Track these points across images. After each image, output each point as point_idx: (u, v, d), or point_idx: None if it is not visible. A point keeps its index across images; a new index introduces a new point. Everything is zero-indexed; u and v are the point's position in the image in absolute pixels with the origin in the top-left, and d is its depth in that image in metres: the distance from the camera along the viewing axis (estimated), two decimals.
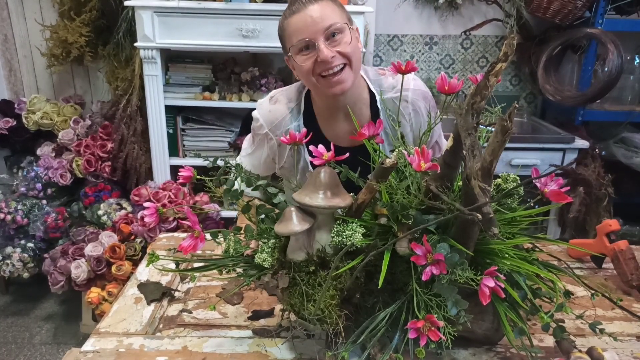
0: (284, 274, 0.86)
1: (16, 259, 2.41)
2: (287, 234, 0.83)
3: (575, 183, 2.32)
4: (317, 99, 1.27)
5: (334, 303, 0.83)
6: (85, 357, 0.93)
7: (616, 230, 1.24)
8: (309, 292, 0.84)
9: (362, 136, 0.94)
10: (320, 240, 0.85)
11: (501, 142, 0.69)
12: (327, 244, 0.85)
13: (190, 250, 0.84)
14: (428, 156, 0.80)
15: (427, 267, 0.75)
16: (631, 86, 2.64)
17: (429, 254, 0.75)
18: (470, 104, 0.73)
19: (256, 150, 1.35)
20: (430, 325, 0.75)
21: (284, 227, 0.82)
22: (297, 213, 0.83)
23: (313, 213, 0.84)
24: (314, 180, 0.83)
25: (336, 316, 0.83)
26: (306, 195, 0.82)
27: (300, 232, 0.81)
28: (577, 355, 0.85)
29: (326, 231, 0.85)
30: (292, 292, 0.87)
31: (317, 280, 0.84)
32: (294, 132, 0.97)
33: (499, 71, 0.72)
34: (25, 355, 2.30)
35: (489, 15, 2.72)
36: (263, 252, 0.87)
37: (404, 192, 0.87)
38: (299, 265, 0.86)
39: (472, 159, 0.72)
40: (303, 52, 1.14)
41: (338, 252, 0.82)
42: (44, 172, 2.54)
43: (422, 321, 0.75)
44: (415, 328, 0.76)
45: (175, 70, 2.43)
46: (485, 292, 0.74)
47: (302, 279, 0.85)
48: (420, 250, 0.76)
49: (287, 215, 0.83)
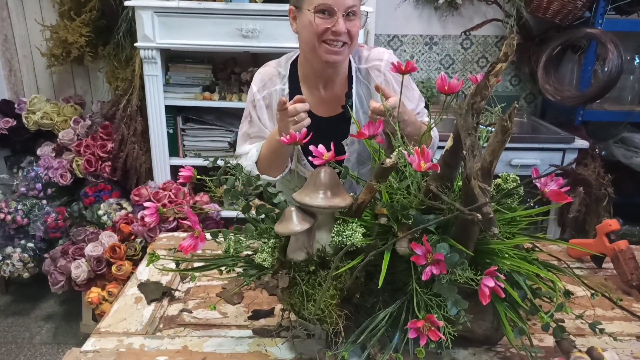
0: (284, 273, 0.86)
1: (16, 259, 2.42)
2: (287, 233, 0.83)
3: (575, 183, 2.32)
4: (305, 64, 1.37)
5: (334, 303, 0.83)
6: (86, 356, 0.93)
7: (616, 230, 1.24)
8: (309, 292, 0.84)
9: (362, 135, 0.94)
10: (320, 240, 0.85)
11: (501, 142, 0.70)
12: (327, 243, 0.85)
13: (191, 249, 0.84)
14: (428, 156, 0.80)
15: (427, 267, 0.75)
16: (631, 86, 2.64)
17: (428, 254, 0.75)
18: (470, 104, 0.73)
19: (251, 118, 1.42)
20: (430, 325, 0.75)
21: (284, 227, 0.82)
22: (297, 213, 0.83)
23: (313, 213, 0.84)
24: (314, 180, 0.83)
25: (336, 316, 0.83)
26: (306, 195, 0.82)
27: (300, 232, 0.81)
28: (577, 355, 0.85)
29: (326, 231, 0.85)
30: (292, 292, 0.87)
31: (317, 280, 0.84)
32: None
33: (499, 71, 0.72)
34: (25, 355, 2.30)
35: (489, 16, 2.72)
36: (263, 251, 0.87)
37: (404, 192, 0.87)
38: (299, 265, 0.86)
39: (472, 159, 0.72)
40: (320, 14, 1.23)
41: (338, 252, 0.83)
42: (44, 172, 2.54)
43: (422, 321, 0.75)
44: (415, 328, 0.76)
45: (176, 70, 2.43)
46: (485, 292, 0.74)
47: (302, 278, 0.85)
48: (420, 250, 0.76)
49: (287, 215, 0.83)
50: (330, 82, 1.35)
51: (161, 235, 1.45)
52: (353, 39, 1.26)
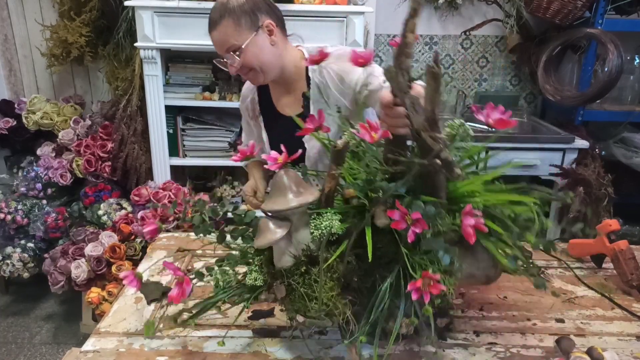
0: (278, 284, 0.86)
1: (16, 259, 2.42)
2: (267, 244, 0.83)
3: (575, 183, 2.32)
4: None
5: (334, 294, 0.84)
6: (86, 356, 0.93)
7: (616, 230, 1.24)
8: (307, 292, 0.84)
9: (308, 131, 0.92)
10: (302, 240, 0.86)
11: (435, 89, 0.73)
12: (309, 241, 0.85)
13: (181, 297, 0.85)
14: (376, 126, 0.81)
15: (409, 229, 0.76)
16: (631, 86, 2.64)
17: (406, 217, 0.76)
18: (398, 65, 0.76)
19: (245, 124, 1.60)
20: (429, 281, 0.76)
21: (263, 239, 0.83)
22: (272, 222, 0.84)
23: (286, 217, 0.85)
24: (278, 186, 0.84)
25: (341, 305, 0.83)
26: (274, 202, 0.83)
27: (280, 238, 0.82)
28: (576, 355, 0.85)
29: (304, 230, 0.85)
30: (292, 299, 0.87)
31: (312, 278, 0.84)
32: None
33: (412, 27, 0.75)
34: (25, 355, 2.30)
35: (489, 16, 2.72)
36: (252, 272, 0.88)
37: (365, 169, 0.89)
38: (290, 271, 0.86)
39: (416, 115, 0.75)
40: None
41: (323, 249, 0.83)
42: (44, 172, 2.54)
43: (420, 280, 0.76)
44: (416, 288, 0.76)
45: (176, 70, 2.43)
46: (469, 231, 0.76)
47: (297, 282, 0.85)
48: (397, 215, 0.77)
49: (262, 227, 0.84)
50: (290, 86, 1.41)
51: (161, 236, 1.45)
52: (253, 66, 1.28)
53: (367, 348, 0.88)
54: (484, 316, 1.06)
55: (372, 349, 0.85)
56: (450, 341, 0.98)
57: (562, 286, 1.19)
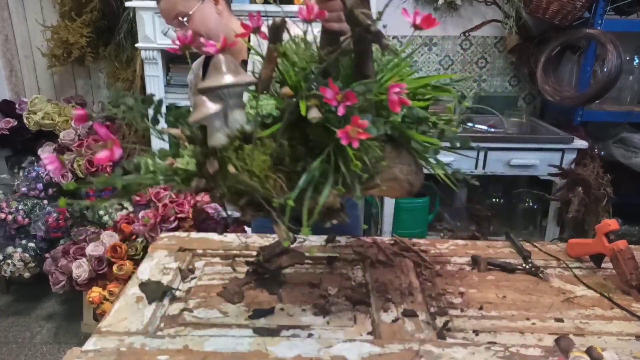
0: (211, 160, 0.85)
1: (17, 258, 2.42)
2: (202, 117, 0.82)
3: (574, 183, 2.32)
4: None
5: (267, 167, 0.84)
6: (87, 356, 0.93)
7: (615, 230, 1.24)
8: (241, 165, 0.83)
9: (247, 31, 0.93)
10: (237, 121, 0.85)
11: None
12: (244, 122, 0.85)
13: (109, 159, 0.79)
14: (312, 8, 0.84)
15: (340, 105, 0.78)
16: (630, 86, 2.64)
17: (337, 95, 0.78)
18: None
19: None
20: (358, 129, 0.77)
21: (198, 112, 0.81)
22: (207, 98, 0.83)
23: (222, 98, 0.84)
24: (215, 67, 0.83)
25: (274, 177, 0.84)
26: (212, 80, 0.82)
27: (214, 113, 0.81)
28: (576, 355, 0.86)
29: (240, 111, 0.85)
30: (224, 174, 0.85)
31: (245, 153, 0.84)
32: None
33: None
34: (26, 355, 2.30)
35: (488, 16, 2.73)
36: (184, 156, 0.87)
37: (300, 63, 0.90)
38: (223, 148, 0.85)
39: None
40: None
41: (257, 126, 0.84)
42: (45, 172, 2.54)
43: (349, 126, 0.77)
44: (345, 133, 0.77)
45: (177, 70, 2.43)
46: (394, 100, 0.79)
47: (229, 156, 0.84)
48: (329, 93, 0.78)
49: (197, 102, 0.83)
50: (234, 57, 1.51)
51: (162, 235, 1.46)
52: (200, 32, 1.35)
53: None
54: (483, 315, 1.07)
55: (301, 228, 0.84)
56: (449, 340, 0.98)
57: (561, 286, 1.20)
